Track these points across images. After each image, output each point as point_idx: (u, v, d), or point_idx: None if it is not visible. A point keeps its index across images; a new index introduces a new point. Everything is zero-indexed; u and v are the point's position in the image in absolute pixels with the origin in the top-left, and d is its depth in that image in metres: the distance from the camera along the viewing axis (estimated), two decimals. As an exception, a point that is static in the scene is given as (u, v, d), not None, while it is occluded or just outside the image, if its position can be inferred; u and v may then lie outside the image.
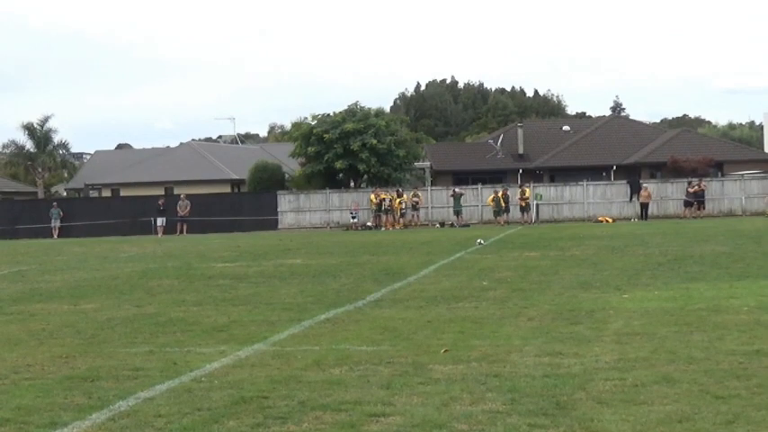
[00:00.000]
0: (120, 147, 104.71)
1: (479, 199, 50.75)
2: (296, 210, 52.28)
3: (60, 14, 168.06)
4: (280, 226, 51.37)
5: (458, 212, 48.23)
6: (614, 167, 59.81)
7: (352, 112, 53.75)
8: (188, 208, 50.78)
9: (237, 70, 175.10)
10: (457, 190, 50.21)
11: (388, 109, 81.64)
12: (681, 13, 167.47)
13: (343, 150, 51.57)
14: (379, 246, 29.94)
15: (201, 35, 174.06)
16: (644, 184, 49.15)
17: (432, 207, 50.57)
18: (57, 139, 73.20)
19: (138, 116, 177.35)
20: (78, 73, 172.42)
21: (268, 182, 57.21)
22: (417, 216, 49.39)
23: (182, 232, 49.24)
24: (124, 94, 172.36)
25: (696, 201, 47.24)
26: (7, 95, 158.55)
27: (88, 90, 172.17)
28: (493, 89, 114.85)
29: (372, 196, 48.75)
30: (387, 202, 47.78)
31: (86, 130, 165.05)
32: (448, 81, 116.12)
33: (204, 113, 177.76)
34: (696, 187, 47.28)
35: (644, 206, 47.70)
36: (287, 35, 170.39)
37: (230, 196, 58.98)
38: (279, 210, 52.19)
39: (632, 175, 54.76)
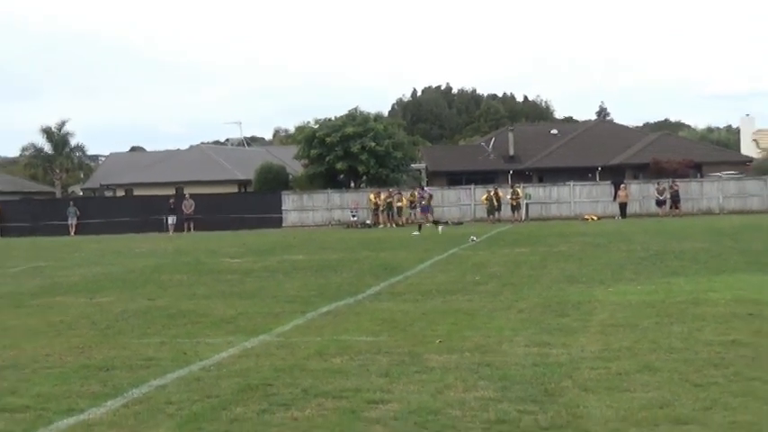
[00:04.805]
0: (133, 149, 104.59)
1: (472, 198, 50.75)
2: (299, 209, 52.24)
3: (80, 22, 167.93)
4: (284, 224, 51.33)
5: (431, 212, 48.72)
6: (599, 168, 59.81)
7: (353, 117, 53.74)
8: (192, 207, 50.89)
9: (244, 77, 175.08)
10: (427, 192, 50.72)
11: (386, 113, 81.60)
12: (662, 24, 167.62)
13: (343, 152, 51.58)
14: (377, 242, 29.94)
15: (211, 44, 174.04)
16: (622, 185, 49.14)
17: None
18: (73, 141, 73.15)
19: (151, 120, 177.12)
20: (95, 79, 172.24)
21: (273, 182, 57.16)
22: (415, 215, 49.38)
23: (189, 230, 49.28)
24: (137, 99, 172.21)
25: (672, 200, 47.26)
26: (27, 101, 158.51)
27: (104, 95, 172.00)
28: (485, 95, 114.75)
29: (372, 196, 48.76)
30: (383, 202, 47.81)
31: (102, 133, 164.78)
32: (443, 87, 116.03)
33: (213, 118, 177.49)
34: (665, 187, 47.41)
35: (622, 205, 47.80)
36: (291, 44, 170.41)
37: (237, 196, 58.91)
38: (283, 209, 52.15)
39: (616, 175, 54.77)
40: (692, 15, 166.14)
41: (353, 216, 49.97)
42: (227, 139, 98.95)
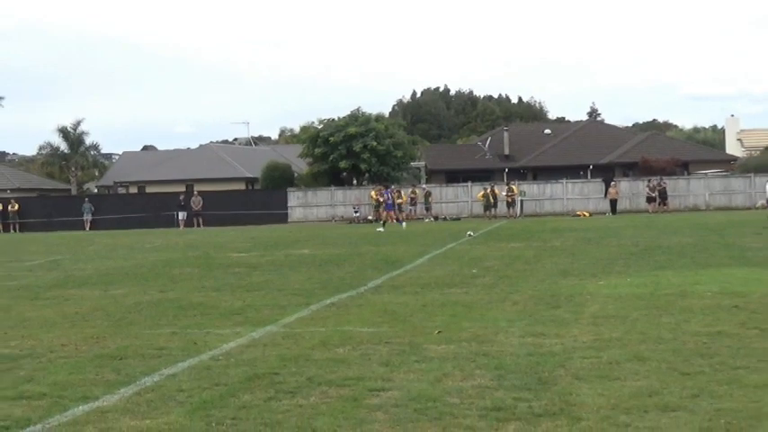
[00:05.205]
0: (145, 148, 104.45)
1: (469, 195, 50.73)
2: (304, 205, 52.25)
3: (94, 26, 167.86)
4: (289, 220, 51.34)
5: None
6: (591, 167, 59.66)
7: (355, 117, 53.70)
8: (201, 204, 50.91)
9: (251, 79, 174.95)
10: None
11: (387, 114, 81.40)
12: (651, 27, 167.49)
13: (346, 151, 51.56)
14: (378, 237, 29.92)
15: (219, 48, 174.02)
16: (612, 182, 49.10)
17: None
18: (88, 140, 72.99)
19: (162, 120, 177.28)
20: (109, 80, 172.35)
21: (279, 180, 57.13)
22: (414, 211, 49.39)
23: (198, 225, 49.28)
24: (150, 100, 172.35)
25: (660, 198, 47.17)
26: (44, 102, 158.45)
27: (118, 96, 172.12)
28: (481, 96, 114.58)
29: (373, 193, 48.70)
30: (385, 197, 47.73)
31: (115, 132, 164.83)
32: (441, 89, 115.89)
33: (221, 118, 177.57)
34: (655, 184, 47.26)
35: (612, 202, 47.76)
36: (297, 48, 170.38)
37: (245, 193, 58.91)
38: (288, 205, 52.17)
39: (607, 173, 54.70)
40: (681, 19, 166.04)
41: (356, 212, 49.95)
42: (235, 139, 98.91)
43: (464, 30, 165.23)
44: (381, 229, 34.88)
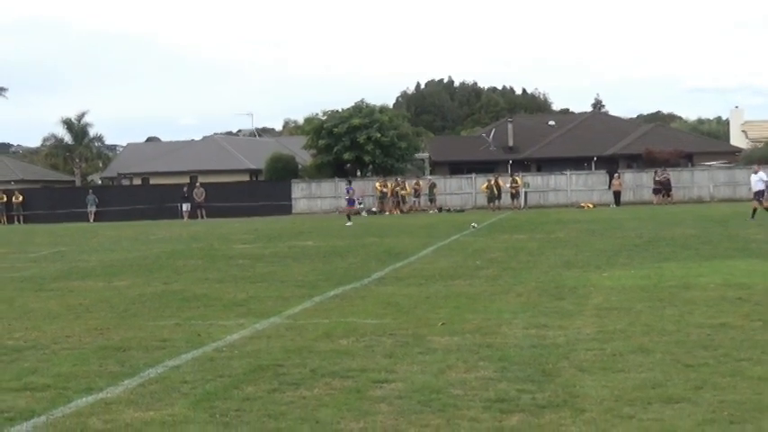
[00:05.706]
0: (149, 139, 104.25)
1: (473, 187, 50.68)
2: (308, 196, 52.24)
3: (97, 20, 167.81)
4: (293, 211, 51.35)
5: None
6: (595, 158, 59.58)
7: (359, 109, 53.62)
8: (203, 195, 50.93)
9: (255, 71, 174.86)
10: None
11: (391, 105, 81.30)
12: (656, 20, 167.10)
13: (350, 143, 51.52)
14: (382, 229, 29.91)
15: (224, 40, 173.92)
16: (616, 174, 49.00)
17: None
18: (92, 132, 73.03)
19: (166, 112, 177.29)
20: (113, 72, 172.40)
21: (283, 171, 57.08)
22: (418, 202, 49.39)
23: (201, 217, 49.31)
24: (154, 92, 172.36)
25: (664, 189, 47.05)
26: (48, 94, 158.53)
27: (122, 88, 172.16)
28: (485, 88, 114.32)
29: (378, 184, 48.69)
30: (390, 191, 47.75)
31: (119, 124, 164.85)
32: (445, 80, 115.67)
33: (225, 110, 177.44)
34: (661, 176, 47.15)
35: (616, 194, 47.66)
36: (301, 39, 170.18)
37: (249, 184, 58.84)
38: (292, 196, 52.17)
39: (611, 165, 54.60)
40: (686, 11, 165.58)
41: (360, 204, 49.94)
42: (239, 130, 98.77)
43: (469, 21, 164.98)
44: (354, 220, 36.27)
